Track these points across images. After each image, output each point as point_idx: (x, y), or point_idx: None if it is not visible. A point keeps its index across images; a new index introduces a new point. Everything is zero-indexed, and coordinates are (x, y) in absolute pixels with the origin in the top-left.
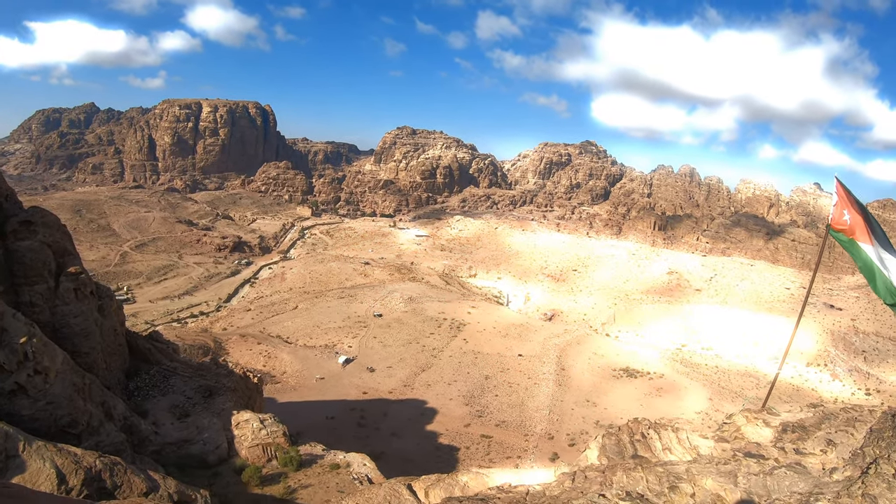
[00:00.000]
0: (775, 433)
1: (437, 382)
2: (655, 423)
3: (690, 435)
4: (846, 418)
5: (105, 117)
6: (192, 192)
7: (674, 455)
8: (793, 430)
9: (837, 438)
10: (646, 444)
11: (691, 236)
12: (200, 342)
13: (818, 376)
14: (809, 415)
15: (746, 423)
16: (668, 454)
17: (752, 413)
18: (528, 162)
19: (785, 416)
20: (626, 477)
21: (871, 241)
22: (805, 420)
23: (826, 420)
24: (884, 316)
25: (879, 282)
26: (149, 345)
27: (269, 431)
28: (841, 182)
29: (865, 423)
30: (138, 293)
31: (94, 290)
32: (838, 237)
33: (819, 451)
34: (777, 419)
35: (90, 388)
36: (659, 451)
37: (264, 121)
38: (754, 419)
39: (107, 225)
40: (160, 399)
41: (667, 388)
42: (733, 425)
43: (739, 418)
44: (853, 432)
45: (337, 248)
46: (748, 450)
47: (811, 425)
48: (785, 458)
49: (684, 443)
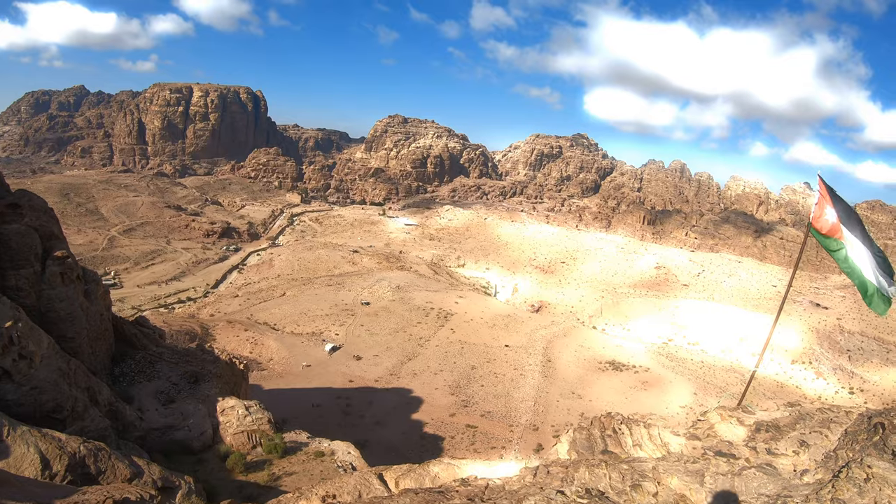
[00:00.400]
0: (749, 432)
1: (424, 372)
2: (627, 419)
3: (662, 431)
4: (822, 419)
5: (95, 100)
6: (182, 177)
7: (644, 452)
8: (766, 429)
9: (811, 440)
10: (616, 440)
11: (680, 232)
12: (187, 328)
13: (802, 374)
14: (786, 414)
15: (720, 421)
16: (637, 450)
17: (726, 411)
18: (519, 153)
19: (760, 415)
20: (588, 473)
21: (851, 239)
22: (780, 419)
23: (801, 420)
24: (869, 316)
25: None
26: (135, 330)
27: (255, 418)
28: (823, 180)
29: (841, 425)
30: (126, 278)
31: (81, 275)
32: (819, 237)
33: (791, 451)
34: (752, 418)
35: (75, 373)
36: (629, 447)
37: (255, 106)
38: (728, 417)
39: (95, 209)
40: (146, 385)
41: (652, 382)
42: (707, 423)
43: (713, 416)
44: (828, 434)
45: (326, 236)
46: (719, 448)
47: (785, 425)
48: (756, 458)
49: (655, 439)
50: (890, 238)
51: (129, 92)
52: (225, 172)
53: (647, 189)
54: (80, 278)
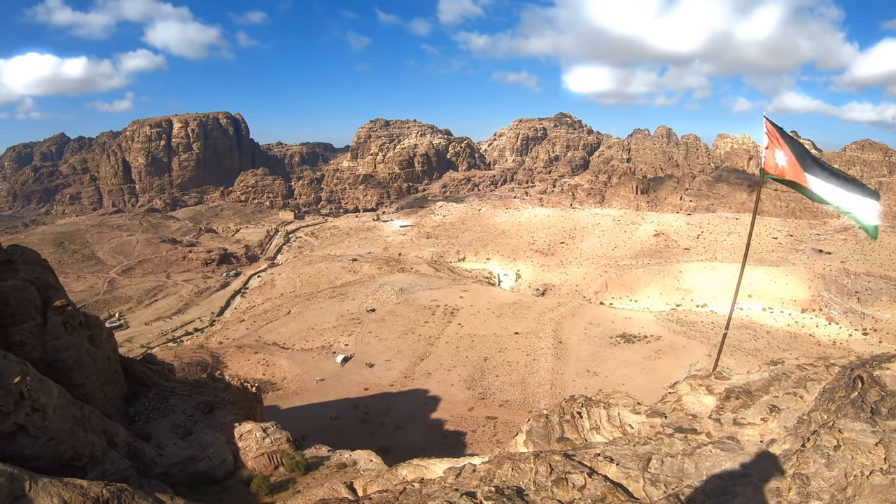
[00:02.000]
0: (718, 401)
1: (437, 370)
2: (589, 400)
3: (622, 411)
4: (799, 377)
5: (77, 146)
6: (173, 210)
7: (600, 435)
8: (736, 395)
9: (784, 403)
10: (574, 425)
11: (674, 196)
12: (198, 359)
13: (814, 321)
14: (765, 375)
15: (689, 392)
16: (594, 434)
17: (696, 380)
18: (505, 140)
19: (736, 380)
20: (511, 470)
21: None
22: (752, 383)
23: (776, 381)
24: (872, 255)
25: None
26: (144, 368)
27: (273, 439)
28: (770, 120)
29: (820, 382)
30: (131, 318)
31: (83, 321)
32: (778, 180)
33: (760, 420)
34: (724, 384)
35: (90, 419)
36: (586, 431)
37: (236, 130)
38: (698, 387)
39: (91, 254)
40: (161, 420)
41: (665, 350)
42: (675, 395)
43: (683, 386)
44: (803, 394)
45: (323, 248)
46: (680, 424)
47: (758, 389)
48: (720, 431)
49: (614, 420)
50: (883, 175)
51: (110, 133)
52: (215, 199)
53: (636, 159)
54: (83, 325)
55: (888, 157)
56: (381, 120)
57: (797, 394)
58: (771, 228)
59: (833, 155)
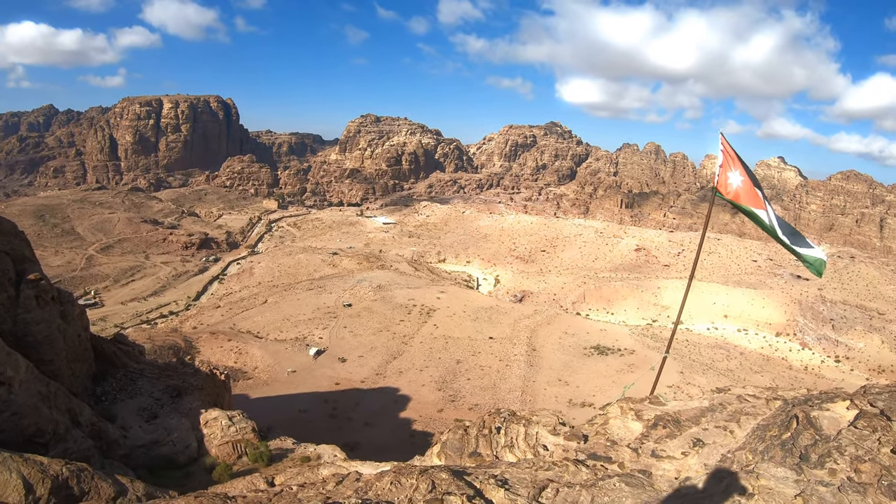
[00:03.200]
0: (644, 428)
1: (409, 369)
2: (513, 415)
3: (541, 430)
4: (735, 409)
5: (65, 119)
6: (157, 191)
7: (512, 454)
8: (664, 424)
9: (711, 437)
10: (489, 440)
11: (658, 213)
12: (171, 342)
13: (788, 345)
14: (703, 403)
15: (619, 416)
16: (506, 453)
17: (629, 403)
18: (494, 145)
19: (671, 406)
20: (390, 484)
21: (763, 204)
22: (684, 412)
23: (711, 412)
24: (850, 284)
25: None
26: (114, 348)
27: (238, 428)
28: (726, 139)
29: (756, 418)
30: (106, 296)
31: (56, 297)
32: (733, 203)
33: (680, 453)
34: (657, 410)
35: (55, 396)
36: (500, 448)
37: (227, 115)
38: (628, 410)
39: (71, 229)
40: (128, 402)
41: (638, 364)
42: (604, 417)
43: (613, 409)
44: (735, 429)
45: (305, 240)
46: (595, 450)
47: (689, 419)
48: (635, 462)
49: (530, 439)
50: (866, 207)
51: (99, 108)
52: (200, 183)
53: (623, 173)
54: (56, 300)
55: (872, 188)
56: (371, 115)
57: (728, 428)
58: (751, 251)
59: (818, 183)
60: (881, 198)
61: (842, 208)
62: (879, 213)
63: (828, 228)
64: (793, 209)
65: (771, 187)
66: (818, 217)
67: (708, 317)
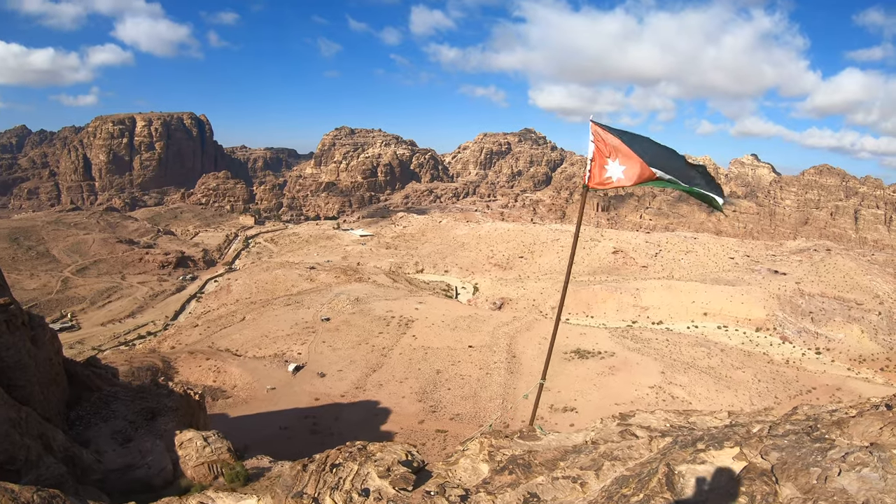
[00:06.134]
0: (491, 472)
1: (389, 381)
2: (362, 451)
3: (372, 471)
4: (604, 452)
5: (37, 139)
6: (132, 210)
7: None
8: (511, 469)
9: (552, 492)
10: (319, 479)
11: (635, 215)
12: (149, 363)
13: (768, 340)
14: (581, 439)
15: (476, 453)
16: (326, 497)
17: (490, 438)
18: (469, 153)
19: (545, 442)
20: None
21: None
22: (546, 452)
23: (576, 454)
24: (827, 276)
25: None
26: (87, 371)
27: (214, 448)
28: (599, 123)
29: (625, 463)
30: (83, 318)
31: (27, 321)
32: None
33: None
34: (522, 447)
35: (27, 422)
36: (324, 489)
37: (200, 131)
38: (487, 447)
39: (46, 251)
40: (102, 426)
41: (619, 366)
42: (461, 453)
43: (473, 445)
44: (590, 479)
45: (282, 255)
46: (411, 501)
47: (544, 462)
48: None
49: (357, 481)
50: (840, 199)
51: (72, 128)
52: (175, 201)
53: None
54: (26, 325)
55: (845, 181)
56: (346, 128)
57: (582, 479)
58: (728, 248)
59: (792, 179)
60: (854, 190)
61: (816, 202)
62: (853, 206)
63: (803, 223)
64: (767, 205)
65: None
66: (793, 212)
67: (687, 315)
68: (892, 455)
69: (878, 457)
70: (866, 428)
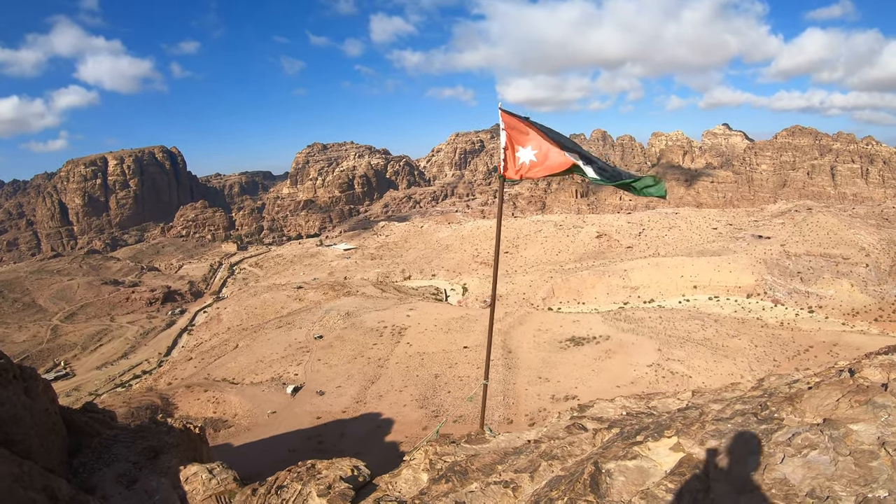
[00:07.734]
0: (429, 481)
1: (389, 392)
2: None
3: (313, 490)
4: (543, 451)
5: (11, 190)
6: (113, 250)
7: None
8: (447, 478)
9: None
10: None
11: (614, 197)
12: (147, 402)
13: (760, 305)
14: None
15: (420, 461)
16: None
17: (434, 446)
18: (443, 155)
19: (495, 444)
20: None
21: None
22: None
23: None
24: (811, 235)
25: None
26: (85, 417)
27: (220, 479)
28: (509, 112)
29: (564, 462)
30: (77, 365)
31: (18, 374)
32: None
33: None
34: (466, 452)
35: (30, 475)
36: None
37: (173, 164)
38: (431, 456)
39: (31, 301)
40: (106, 470)
41: (615, 349)
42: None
43: (417, 455)
44: (524, 483)
45: (268, 278)
46: None
47: (482, 467)
48: None
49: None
50: (815, 158)
51: (45, 174)
52: (156, 236)
53: None
54: (18, 378)
55: (818, 140)
56: (318, 144)
57: (515, 483)
58: (710, 219)
59: (766, 144)
60: (828, 147)
61: (792, 164)
62: (829, 163)
63: (781, 185)
64: (744, 172)
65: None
66: (770, 176)
67: (678, 290)
68: (846, 432)
69: (830, 436)
70: (822, 401)
